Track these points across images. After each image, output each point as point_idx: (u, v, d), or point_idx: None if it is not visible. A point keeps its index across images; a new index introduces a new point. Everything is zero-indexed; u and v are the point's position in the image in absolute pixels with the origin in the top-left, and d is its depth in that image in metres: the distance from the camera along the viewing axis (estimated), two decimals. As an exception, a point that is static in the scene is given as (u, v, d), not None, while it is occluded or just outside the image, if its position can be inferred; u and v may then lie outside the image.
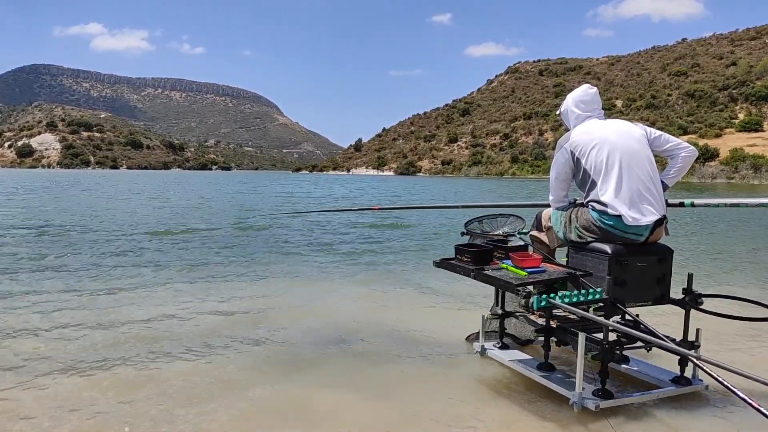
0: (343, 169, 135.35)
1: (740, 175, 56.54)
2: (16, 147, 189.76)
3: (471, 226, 3.51)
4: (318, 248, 7.93)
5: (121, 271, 5.90)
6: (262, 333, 3.74)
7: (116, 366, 3.07)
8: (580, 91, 2.97)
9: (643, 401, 2.58)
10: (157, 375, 2.95)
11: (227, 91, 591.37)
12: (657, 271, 2.65)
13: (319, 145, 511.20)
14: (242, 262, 6.69)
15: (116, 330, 3.73)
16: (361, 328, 3.87)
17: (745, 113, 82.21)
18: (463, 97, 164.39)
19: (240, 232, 10.07)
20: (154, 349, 3.36)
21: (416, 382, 2.89)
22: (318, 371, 3.05)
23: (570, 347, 2.88)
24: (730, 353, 3.30)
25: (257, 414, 2.51)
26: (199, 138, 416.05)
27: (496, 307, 3.23)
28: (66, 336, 3.59)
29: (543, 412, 2.52)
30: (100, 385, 2.79)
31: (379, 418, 2.49)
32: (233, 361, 3.19)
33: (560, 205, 2.93)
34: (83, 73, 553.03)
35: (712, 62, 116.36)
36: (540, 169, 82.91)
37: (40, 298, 4.60)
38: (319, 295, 5.00)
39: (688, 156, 2.85)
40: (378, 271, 6.27)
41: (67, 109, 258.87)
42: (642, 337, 2.35)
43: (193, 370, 3.03)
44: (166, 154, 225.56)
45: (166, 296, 4.77)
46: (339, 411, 2.55)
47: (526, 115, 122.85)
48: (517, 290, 2.44)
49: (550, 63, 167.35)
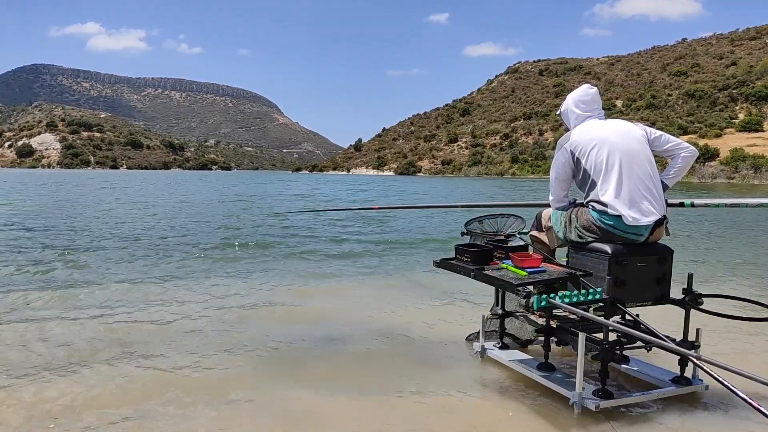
0: (343, 169, 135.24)
1: (740, 175, 56.53)
2: (16, 147, 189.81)
3: (471, 226, 3.51)
4: (317, 248, 7.92)
5: (128, 269, 5.90)
6: (259, 333, 3.73)
7: (99, 366, 3.06)
8: (580, 91, 2.97)
9: (643, 401, 2.58)
10: (143, 375, 2.94)
11: (227, 91, 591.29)
12: (657, 271, 2.65)
13: (319, 145, 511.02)
14: (238, 261, 6.67)
15: (96, 330, 3.73)
16: (360, 327, 3.87)
17: (745, 113, 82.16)
18: (463, 97, 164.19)
19: (238, 231, 10.06)
20: (139, 349, 3.35)
21: (416, 381, 2.89)
22: (317, 371, 3.05)
23: (570, 347, 2.88)
24: (730, 353, 3.31)
25: (252, 414, 2.51)
26: (199, 138, 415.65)
27: (497, 307, 3.23)
28: (50, 336, 3.58)
29: (543, 412, 2.52)
30: (83, 387, 2.78)
31: (378, 418, 2.49)
32: (225, 361, 3.18)
33: (560, 205, 2.93)
34: (83, 73, 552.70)
35: (712, 62, 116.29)
36: (540, 169, 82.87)
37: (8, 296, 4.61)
38: (317, 295, 5.00)
39: (689, 156, 2.85)
40: (378, 271, 6.26)
41: (67, 109, 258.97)
42: (642, 337, 2.35)
43: (189, 368, 3.03)
44: (166, 154, 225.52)
45: (165, 296, 4.76)
46: (338, 411, 2.55)
47: (526, 115, 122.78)
48: (517, 290, 2.44)
49: (550, 63, 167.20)
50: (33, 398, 2.63)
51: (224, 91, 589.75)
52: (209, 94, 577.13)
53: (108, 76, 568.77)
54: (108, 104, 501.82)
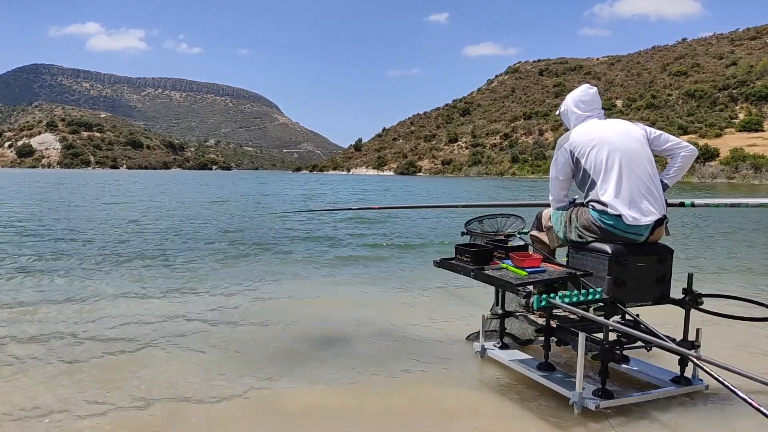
0: (343, 169, 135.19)
1: (740, 175, 56.54)
2: (16, 147, 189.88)
3: (471, 226, 3.51)
4: (316, 248, 7.92)
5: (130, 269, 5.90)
6: (259, 333, 3.73)
7: (99, 366, 3.06)
8: (580, 91, 2.97)
9: (643, 401, 2.58)
10: (143, 374, 2.94)
11: (227, 90, 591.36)
12: (657, 271, 2.65)
13: (319, 144, 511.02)
14: (237, 261, 6.67)
15: (97, 330, 3.73)
16: (360, 327, 3.87)
17: (745, 113, 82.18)
18: (463, 97, 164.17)
19: (236, 231, 10.06)
20: (138, 348, 3.36)
21: (416, 381, 2.89)
22: (317, 372, 3.04)
23: (570, 347, 2.88)
24: (730, 353, 3.30)
25: (251, 412, 2.51)
26: (199, 138, 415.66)
27: (497, 306, 3.23)
28: (47, 331, 3.59)
29: (543, 412, 2.52)
30: (83, 387, 2.78)
31: (378, 418, 2.49)
32: (225, 360, 3.18)
33: (560, 205, 2.93)
34: (83, 72, 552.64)
35: (712, 62, 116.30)
36: (540, 169, 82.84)
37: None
38: (317, 295, 5.00)
39: (688, 155, 2.85)
40: (377, 271, 6.26)
41: (67, 108, 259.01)
42: (642, 337, 2.35)
43: (188, 368, 3.03)
44: (166, 154, 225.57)
45: (164, 295, 4.76)
46: (338, 411, 2.55)
47: (526, 115, 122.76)
48: (517, 290, 2.44)
49: (550, 63, 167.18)
50: (26, 397, 2.64)
51: (224, 91, 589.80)
52: (209, 94, 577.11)
53: (108, 76, 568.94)
54: (108, 104, 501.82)
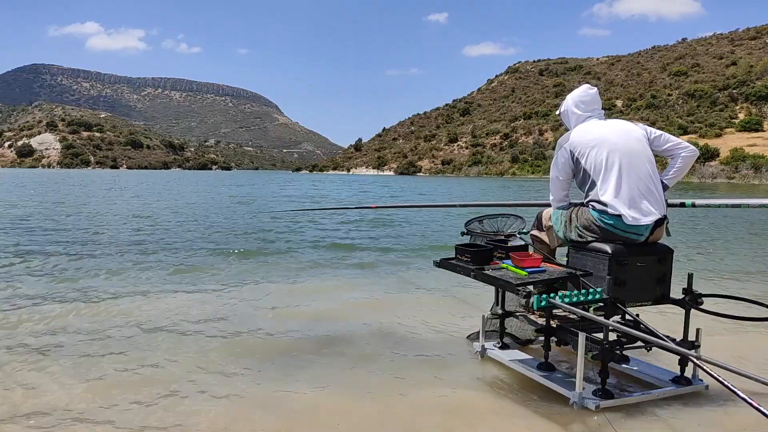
0: (343, 169, 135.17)
1: (740, 175, 56.51)
2: (16, 147, 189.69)
3: (471, 226, 3.51)
4: (315, 247, 7.92)
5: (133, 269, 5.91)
6: (259, 333, 3.73)
7: (99, 365, 3.06)
8: (580, 92, 2.97)
9: (643, 401, 2.58)
10: (142, 374, 2.94)
11: (227, 90, 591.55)
12: (657, 271, 2.65)
13: (319, 144, 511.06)
14: (237, 261, 6.67)
15: (96, 329, 3.73)
16: (360, 327, 3.87)
17: (745, 113, 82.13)
18: (463, 97, 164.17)
19: (237, 231, 10.06)
20: (138, 348, 3.35)
21: (416, 381, 2.89)
22: (316, 370, 3.04)
23: (570, 347, 2.88)
24: (730, 353, 3.30)
25: (250, 411, 2.51)
26: (199, 138, 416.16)
27: (497, 306, 3.23)
28: (50, 328, 3.59)
29: (543, 412, 2.52)
30: (75, 381, 2.79)
31: (378, 418, 2.49)
32: (225, 360, 3.18)
33: (560, 205, 2.94)
34: (83, 72, 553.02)
35: (712, 62, 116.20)
36: (540, 169, 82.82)
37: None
38: (316, 295, 4.99)
39: (689, 156, 2.85)
40: (377, 271, 6.26)
41: (67, 108, 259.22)
42: (642, 336, 2.35)
43: (188, 367, 3.04)
44: (166, 154, 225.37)
45: (164, 295, 4.76)
46: (338, 411, 2.55)
47: (526, 115, 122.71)
48: (517, 290, 2.44)
49: (550, 63, 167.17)
50: (25, 397, 2.64)
51: (224, 91, 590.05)
52: (209, 94, 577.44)
53: (108, 75, 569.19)
54: (108, 104, 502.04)
